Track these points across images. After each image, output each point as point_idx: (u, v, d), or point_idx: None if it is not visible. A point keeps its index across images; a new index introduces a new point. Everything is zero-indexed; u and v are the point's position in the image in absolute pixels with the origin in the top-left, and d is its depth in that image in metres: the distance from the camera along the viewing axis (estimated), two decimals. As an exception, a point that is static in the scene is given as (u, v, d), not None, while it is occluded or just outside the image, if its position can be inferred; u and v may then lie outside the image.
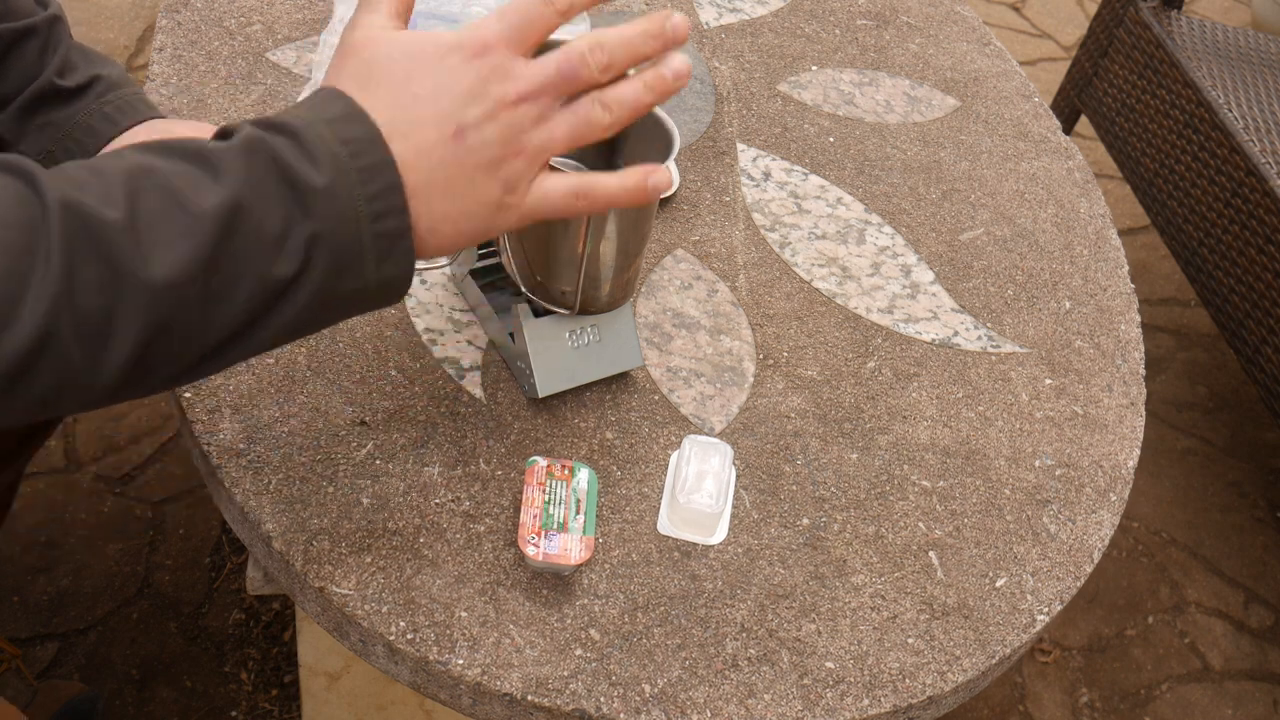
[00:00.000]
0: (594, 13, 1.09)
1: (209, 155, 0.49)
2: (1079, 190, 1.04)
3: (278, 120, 0.51)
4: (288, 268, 0.49)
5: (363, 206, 0.50)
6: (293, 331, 0.52)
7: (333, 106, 0.52)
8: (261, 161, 0.49)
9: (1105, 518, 0.78)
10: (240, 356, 0.51)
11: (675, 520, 0.70)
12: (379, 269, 0.52)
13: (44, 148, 0.74)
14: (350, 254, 0.51)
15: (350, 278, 0.51)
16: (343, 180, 0.50)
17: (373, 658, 0.65)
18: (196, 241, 0.47)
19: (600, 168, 0.75)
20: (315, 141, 0.50)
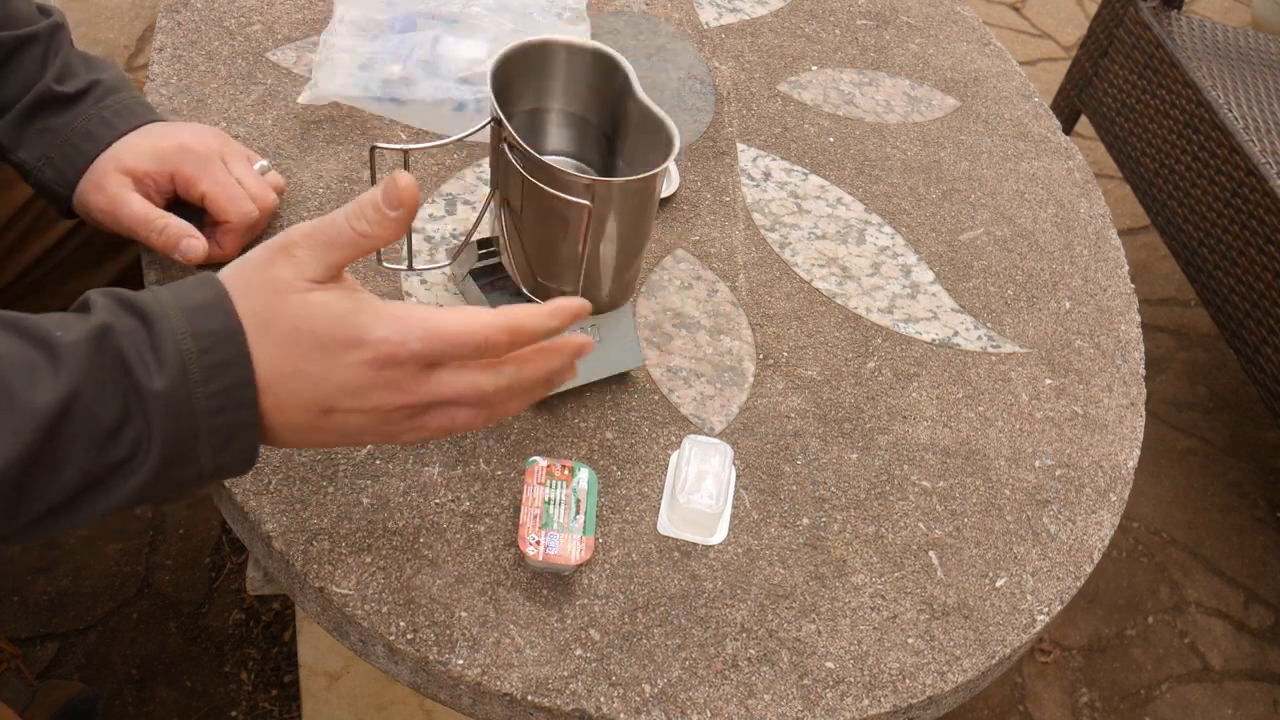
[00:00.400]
0: (594, 13, 1.09)
1: (54, 344, 0.49)
2: (1079, 190, 1.04)
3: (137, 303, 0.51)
4: (116, 458, 0.50)
5: (201, 402, 0.51)
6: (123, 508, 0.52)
7: (199, 293, 0.52)
8: (107, 355, 0.49)
9: (1105, 518, 0.78)
10: (61, 529, 0.52)
11: (675, 520, 0.70)
12: (215, 458, 0.53)
13: (44, 153, 0.74)
14: (184, 448, 0.51)
15: (183, 467, 0.52)
16: (182, 380, 0.50)
17: (373, 658, 0.65)
18: (24, 437, 0.47)
19: (600, 167, 0.75)
20: (165, 335, 0.50)
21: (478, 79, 0.92)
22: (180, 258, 0.74)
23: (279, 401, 0.53)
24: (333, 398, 0.53)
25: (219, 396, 0.51)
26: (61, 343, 0.49)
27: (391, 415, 0.55)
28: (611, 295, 0.73)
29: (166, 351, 0.50)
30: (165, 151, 0.74)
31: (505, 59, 0.68)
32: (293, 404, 0.53)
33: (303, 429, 0.54)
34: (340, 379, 0.53)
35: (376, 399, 0.54)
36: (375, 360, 0.53)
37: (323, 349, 0.53)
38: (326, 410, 0.54)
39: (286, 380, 0.53)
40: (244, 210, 0.75)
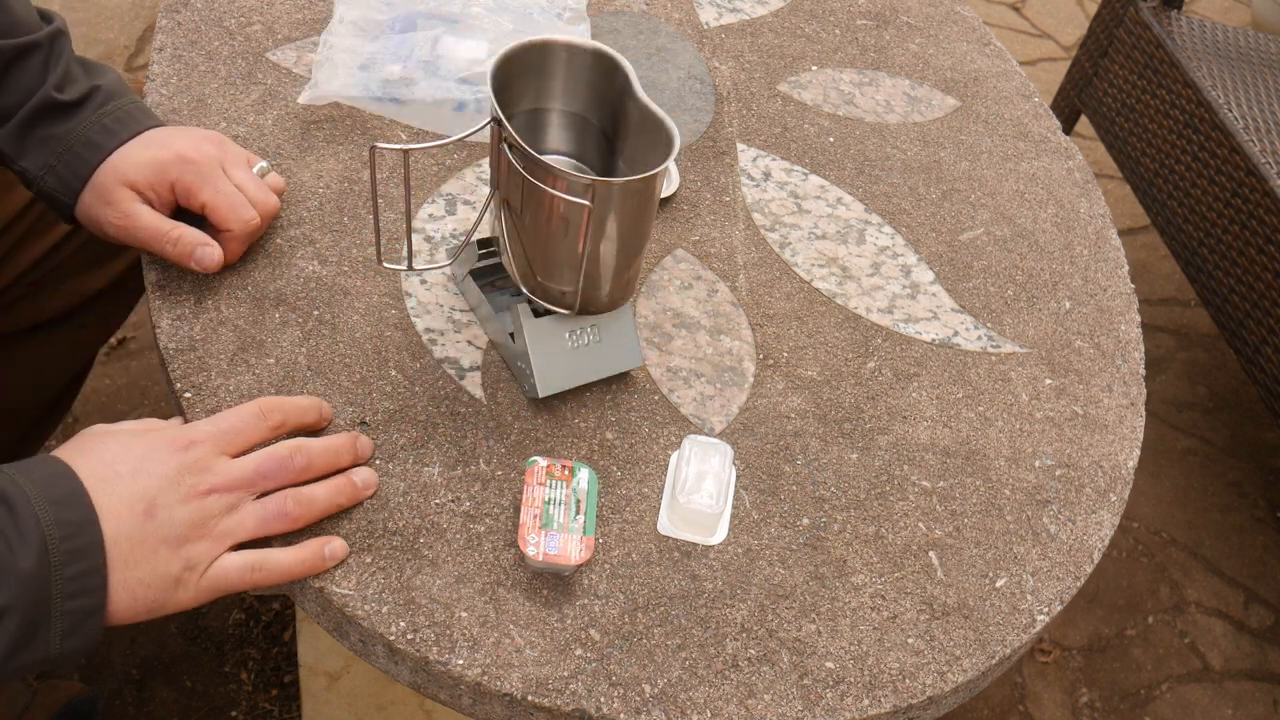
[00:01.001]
0: (594, 13, 1.09)
1: None
2: (1079, 190, 1.04)
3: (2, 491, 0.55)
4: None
5: (59, 585, 0.55)
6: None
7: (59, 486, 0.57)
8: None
9: (1105, 518, 0.78)
10: None
11: (675, 520, 0.70)
12: (63, 643, 0.56)
13: (46, 162, 0.74)
14: (37, 628, 0.54)
15: (34, 648, 0.55)
16: (44, 561, 0.54)
17: (373, 658, 0.65)
18: None
19: (601, 168, 0.75)
20: (29, 522, 0.54)
21: (478, 79, 0.92)
22: (196, 266, 0.74)
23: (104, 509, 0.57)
24: (151, 489, 0.59)
25: (76, 581, 0.55)
26: None
27: (207, 504, 0.60)
28: (611, 295, 0.73)
29: (31, 536, 0.54)
30: (164, 162, 0.74)
31: (505, 59, 0.68)
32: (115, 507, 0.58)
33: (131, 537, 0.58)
34: (152, 467, 0.60)
35: (189, 481, 0.60)
36: (177, 445, 0.61)
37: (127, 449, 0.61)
38: (149, 507, 0.58)
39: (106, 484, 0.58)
40: (245, 218, 0.75)
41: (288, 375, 0.73)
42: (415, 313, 0.79)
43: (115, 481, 0.59)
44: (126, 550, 0.57)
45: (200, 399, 0.70)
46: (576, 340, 0.73)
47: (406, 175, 0.70)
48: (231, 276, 0.78)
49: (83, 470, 0.58)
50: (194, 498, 0.60)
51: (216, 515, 0.61)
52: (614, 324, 0.75)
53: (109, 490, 0.58)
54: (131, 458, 0.60)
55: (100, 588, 0.56)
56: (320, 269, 0.80)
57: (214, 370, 0.72)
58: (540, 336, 0.72)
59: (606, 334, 0.74)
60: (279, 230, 0.82)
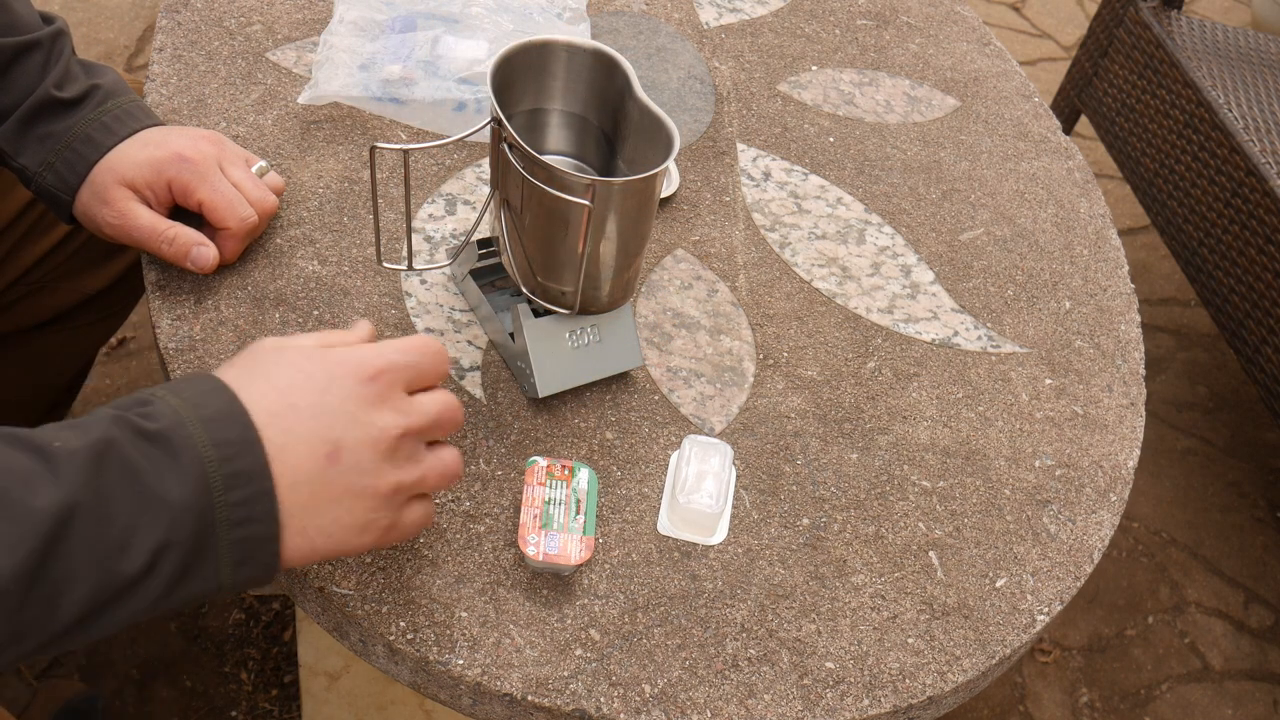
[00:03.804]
0: (594, 13, 1.09)
1: (51, 451, 0.47)
2: (1079, 190, 1.04)
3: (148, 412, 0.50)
4: (129, 572, 0.48)
5: (223, 513, 0.49)
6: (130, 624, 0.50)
7: (213, 401, 0.51)
8: (111, 464, 0.48)
9: (1105, 518, 0.78)
10: (81, 643, 0.50)
11: (675, 520, 0.70)
12: (235, 572, 0.51)
13: (45, 159, 0.74)
14: (202, 559, 0.50)
15: (199, 580, 0.50)
16: (203, 489, 0.49)
17: (373, 658, 0.65)
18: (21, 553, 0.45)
19: (601, 168, 0.75)
20: (181, 441, 0.49)
21: (478, 79, 0.92)
22: (192, 266, 0.74)
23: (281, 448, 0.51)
24: (336, 429, 0.52)
25: (242, 507, 0.50)
26: (59, 453, 0.47)
27: (398, 446, 0.54)
28: (611, 295, 0.73)
29: (186, 461, 0.49)
30: (161, 161, 0.74)
31: (505, 59, 0.68)
32: (294, 447, 0.52)
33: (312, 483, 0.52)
34: (336, 402, 0.53)
35: (380, 423, 0.53)
36: (360, 368, 0.54)
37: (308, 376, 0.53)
38: (334, 450, 0.52)
39: (280, 416, 0.52)
40: (242, 216, 0.75)
41: (288, 375, 0.73)
42: (415, 313, 0.79)
43: (291, 415, 0.52)
44: (306, 497, 0.52)
45: (200, 399, 0.70)
46: (576, 340, 0.73)
47: (406, 175, 0.70)
48: (231, 276, 0.78)
49: (251, 398, 0.52)
50: (382, 442, 0.53)
51: (402, 465, 0.54)
52: (614, 324, 0.75)
53: (285, 426, 0.51)
54: (313, 388, 0.53)
55: (272, 514, 0.50)
56: (320, 269, 0.80)
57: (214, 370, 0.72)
58: (540, 336, 0.72)
59: (606, 334, 0.74)
60: (279, 230, 0.82)
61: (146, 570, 0.48)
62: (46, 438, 0.48)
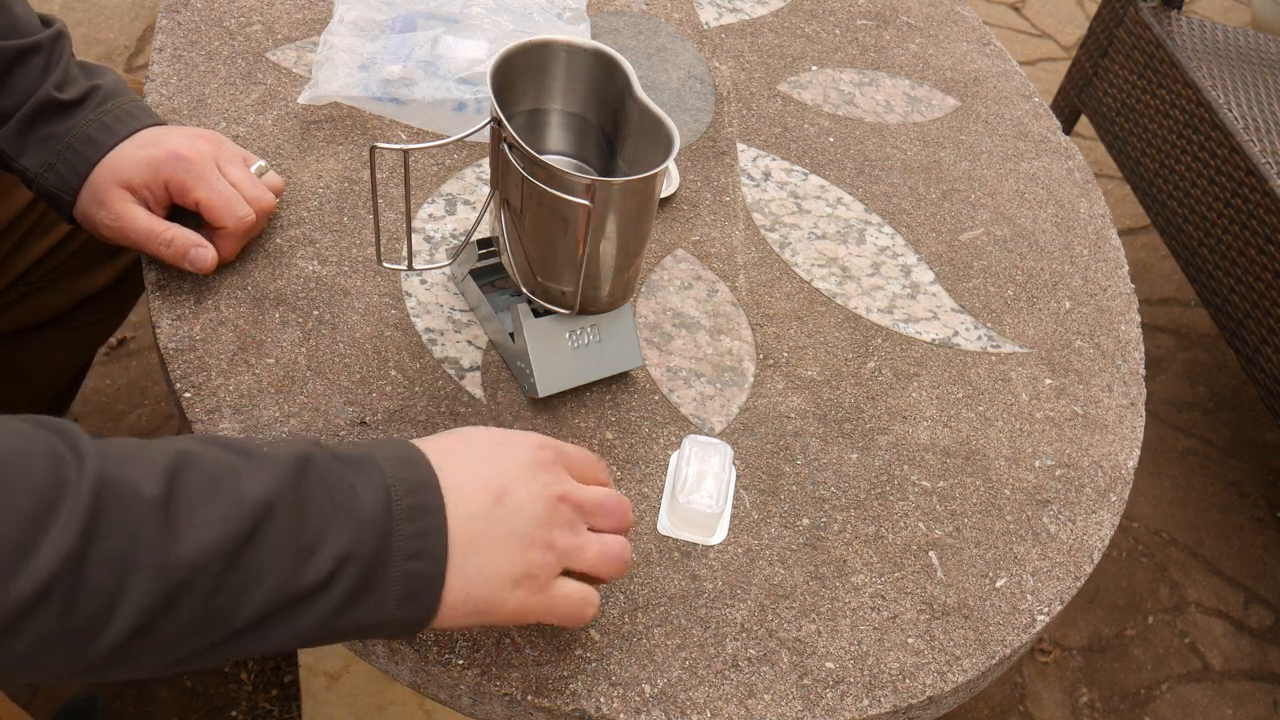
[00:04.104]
0: (594, 13, 1.09)
1: (257, 454, 0.50)
2: (1079, 190, 1.04)
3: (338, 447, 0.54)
4: (311, 579, 0.49)
5: (400, 542, 0.51)
6: (294, 644, 0.51)
7: (395, 449, 0.54)
8: (311, 473, 0.50)
9: (1105, 518, 0.78)
10: (236, 656, 0.50)
11: (675, 520, 0.70)
12: (399, 609, 0.52)
13: (46, 160, 0.74)
14: (375, 585, 0.51)
15: (368, 608, 0.51)
16: (386, 512, 0.51)
17: (373, 658, 0.65)
18: (226, 530, 0.47)
19: (601, 168, 0.75)
20: (370, 470, 0.52)
21: (478, 79, 0.92)
22: (190, 267, 0.74)
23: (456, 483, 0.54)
24: (504, 473, 0.55)
25: (417, 539, 0.51)
26: (265, 454, 0.50)
27: (559, 509, 0.56)
28: (611, 295, 0.73)
29: (373, 482, 0.51)
30: (158, 161, 0.74)
31: (505, 59, 0.68)
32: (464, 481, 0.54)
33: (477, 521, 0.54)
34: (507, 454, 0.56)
35: (544, 478, 0.56)
36: (535, 444, 0.58)
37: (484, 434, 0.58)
38: (500, 492, 0.55)
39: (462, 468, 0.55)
40: (239, 215, 0.75)
41: (288, 375, 0.73)
42: (415, 313, 0.79)
43: (469, 459, 0.55)
44: (472, 532, 0.53)
45: (200, 399, 0.70)
46: (576, 340, 0.73)
47: (406, 175, 0.70)
48: (231, 276, 0.78)
49: (430, 445, 0.55)
50: (545, 497, 0.56)
51: (561, 527, 0.56)
52: (614, 324, 0.75)
53: (460, 464, 0.55)
54: (488, 441, 0.57)
55: (441, 555, 0.52)
56: (320, 269, 0.80)
57: (214, 370, 0.72)
58: (540, 336, 0.72)
59: (606, 334, 0.74)
60: (279, 230, 0.82)
61: (326, 580, 0.49)
62: (252, 443, 0.51)
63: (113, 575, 0.45)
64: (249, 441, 0.51)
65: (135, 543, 0.45)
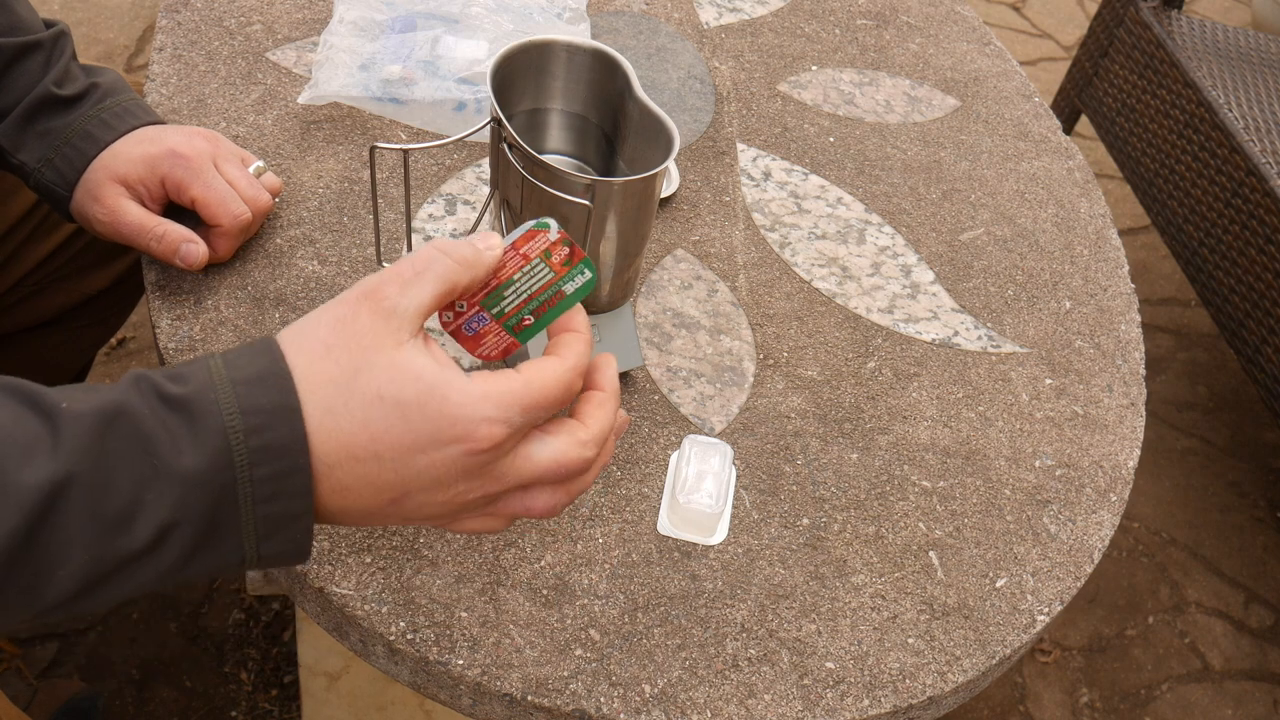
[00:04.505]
0: (594, 13, 1.09)
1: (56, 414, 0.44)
2: (1079, 190, 1.04)
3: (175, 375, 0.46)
4: (134, 546, 0.44)
5: (248, 488, 0.45)
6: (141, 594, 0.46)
7: (255, 363, 0.46)
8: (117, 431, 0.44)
9: (1105, 518, 0.78)
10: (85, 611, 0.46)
11: (675, 520, 0.70)
12: (260, 547, 0.47)
13: (44, 155, 0.74)
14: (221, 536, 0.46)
15: (221, 555, 0.46)
16: (224, 463, 0.44)
17: (373, 658, 0.65)
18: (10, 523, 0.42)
19: (601, 168, 0.75)
20: (203, 410, 0.44)
21: (478, 79, 0.92)
22: (180, 263, 0.74)
23: (342, 485, 0.47)
24: (410, 484, 0.48)
25: (270, 483, 0.45)
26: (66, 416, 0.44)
27: (470, 504, 0.50)
28: (611, 295, 0.73)
29: (206, 430, 0.44)
30: (155, 158, 0.74)
31: (505, 59, 0.68)
32: (360, 490, 0.47)
33: (363, 514, 0.49)
34: (426, 468, 0.47)
35: (460, 487, 0.48)
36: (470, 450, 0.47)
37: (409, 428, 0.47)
38: (398, 497, 0.48)
39: (358, 464, 0.47)
40: (235, 213, 0.75)
41: (288, 375, 0.73)
42: (415, 313, 0.79)
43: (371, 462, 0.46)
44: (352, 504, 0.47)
45: (200, 399, 0.70)
46: (576, 340, 0.73)
47: (406, 175, 0.70)
48: (231, 276, 0.78)
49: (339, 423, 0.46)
50: (456, 501, 0.49)
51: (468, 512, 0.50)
52: (614, 324, 0.75)
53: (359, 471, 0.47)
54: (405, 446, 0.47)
55: (305, 491, 0.46)
56: (320, 269, 0.80)
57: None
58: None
59: (606, 334, 0.74)
60: (279, 230, 0.82)
61: (152, 546, 0.44)
62: (57, 398, 0.45)
63: None
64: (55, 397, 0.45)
65: None
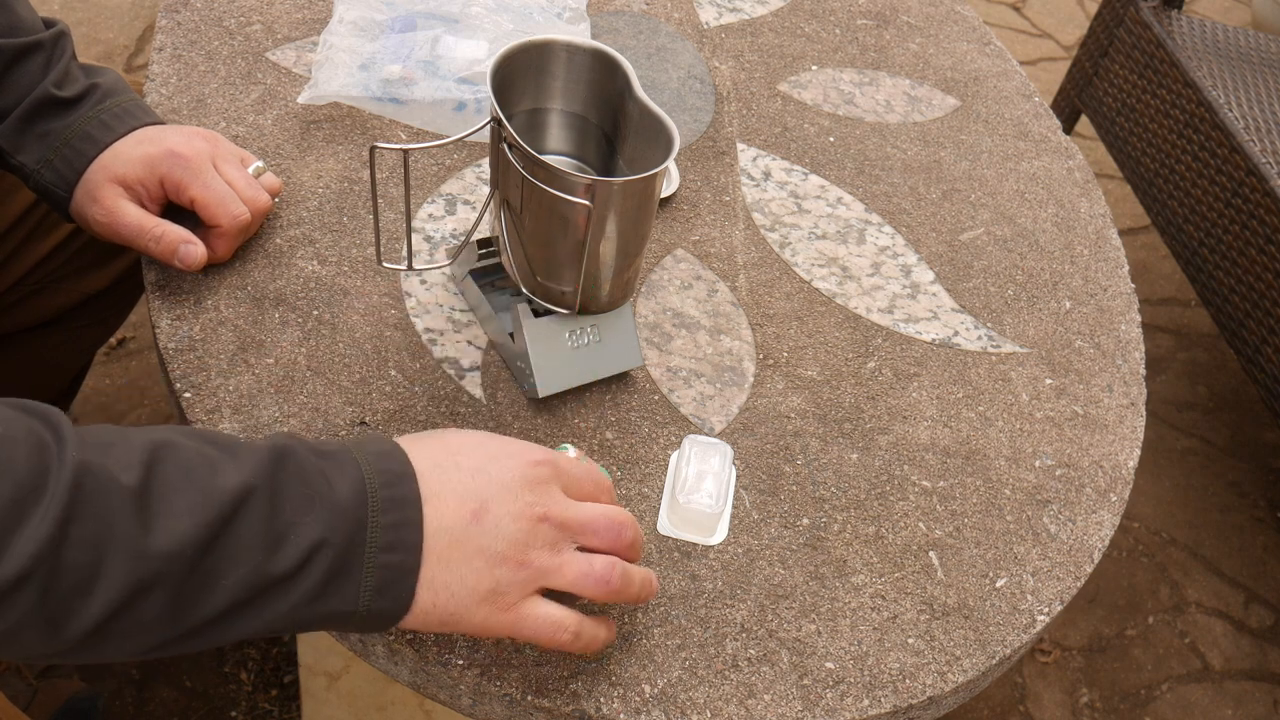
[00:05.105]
0: (594, 13, 1.09)
1: (233, 446, 0.51)
2: (1079, 190, 1.04)
3: (315, 440, 0.55)
4: (284, 566, 0.49)
5: (376, 534, 0.52)
6: (268, 631, 0.52)
7: (377, 444, 0.55)
8: (287, 464, 0.51)
9: (1105, 518, 0.78)
10: (210, 644, 0.51)
11: (675, 520, 0.70)
12: (372, 600, 0.52)
13: (43, 156, 0.74)
14: (349, 572, 0.51)
15: (341, 597, 0.51)
16: (362, 502, 0.51)
17: (373, 658, 0.65)
18: (201, 519, 0.48)
19: (601, 168, 0.75)
20: (347, 463, 0.53)
21: (478, 79, 0.92)
22: (179, 264, 0.74)
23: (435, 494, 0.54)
24: (487, 491, 0.55)
25: (393, 530, 0.52)
26: (242, 445, 0.51)
27: (540, 529, 0.55)
28: (611, 295, 0.73)
29: (349, 474, 0.52)
30: (154, 158, 0.74)
31: (505, 59, 0.68)
32: (446, 495, 0.54)
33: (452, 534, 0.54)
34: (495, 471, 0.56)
35: (528, 498, 0.55)
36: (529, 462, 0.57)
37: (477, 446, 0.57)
38: (480, 508, 0.54)
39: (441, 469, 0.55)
40: (234, 213, 0.75)
41: (287, 375, 0.73)
42: (415, 313, 0.79)
43: (453, 471, 0.55)
44: (444, 546, 0.53)
45: (200, 399, 0.70)
46: (576, 340, 0.73)
47: (406, 175, 0.70)
48: (231, 276, 0.78)
49: (417, 449, 0.55)
50: (526, 517, 0.55)
51: (540, 547, 0.55)
52: (614, 324, 0.75)
53: (444, 477, 0.54)
54: (479, 454, 0.56)
55: (416, 548, 0.52)
56: (320, 269, 0.80)
57: (214, 370, 0.72)
58: (540, 336, 0.72)
59: (606, 334, 0.74)
60: (279, 230, 0.82)
61: (299, 567, 0.50)
62: (230, 438, 0.52)
63: (89, 561, 0.46)
64: (227, 436, 0.52)
65: (111, 529, 0.46)
